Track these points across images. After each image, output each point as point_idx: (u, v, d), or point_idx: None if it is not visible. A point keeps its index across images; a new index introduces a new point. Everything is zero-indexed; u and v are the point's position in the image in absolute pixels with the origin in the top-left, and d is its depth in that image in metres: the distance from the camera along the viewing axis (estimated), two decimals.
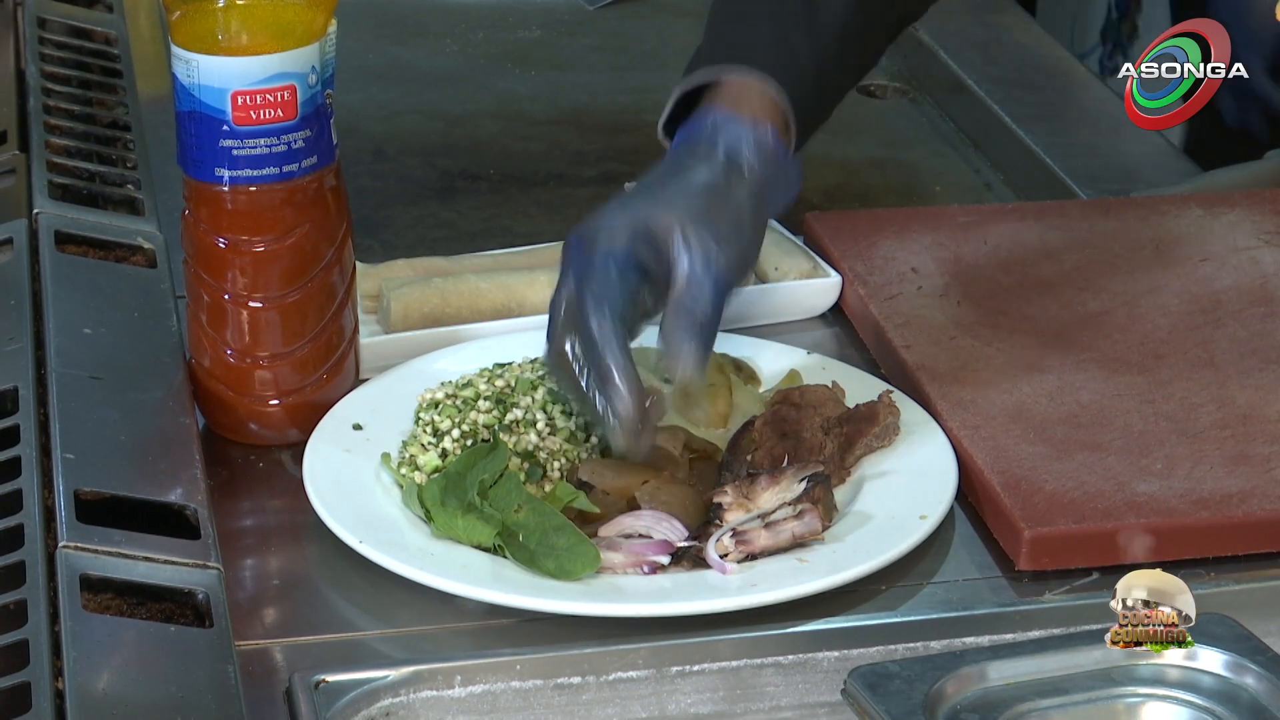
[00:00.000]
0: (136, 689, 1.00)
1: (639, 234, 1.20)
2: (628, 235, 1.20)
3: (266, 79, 1.22)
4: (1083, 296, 1.44)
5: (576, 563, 1.15)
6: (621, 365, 1.18)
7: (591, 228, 1.21)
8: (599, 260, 1.19)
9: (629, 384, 1.18)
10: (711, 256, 1.20)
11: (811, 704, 1.11)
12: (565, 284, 1.21)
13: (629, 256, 1.20)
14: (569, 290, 1.20)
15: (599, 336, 1.18)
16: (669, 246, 1.20)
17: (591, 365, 1.18)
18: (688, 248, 1.19)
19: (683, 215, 1.20)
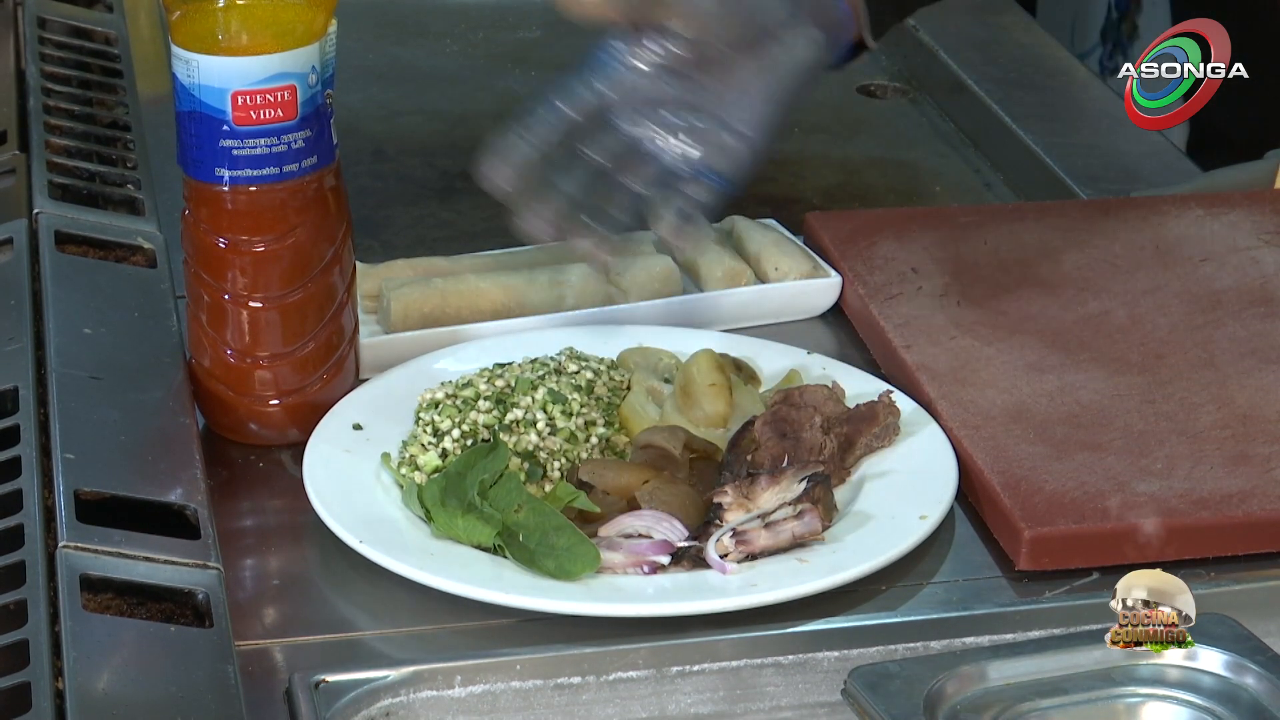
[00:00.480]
0: (136, 689, 1.00)
1: None
2: None
3: (266, 79, 1.22)
4: (1083, 296, 1.44)
5: (576, 563, 1.15)
6: None
7: None
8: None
9: None
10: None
11: (811, 704, 1.11)
12: None
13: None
14: None
15: None
16: None
17: None
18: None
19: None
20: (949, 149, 1.84)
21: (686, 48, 1.19)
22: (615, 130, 1.18)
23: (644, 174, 1.18)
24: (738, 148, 1.21)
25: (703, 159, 1.19)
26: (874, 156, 1.82)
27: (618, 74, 1.18)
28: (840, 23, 1.25)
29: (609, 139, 1.18)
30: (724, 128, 1.20)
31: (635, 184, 1.17)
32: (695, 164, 1.18)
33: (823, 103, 1.93)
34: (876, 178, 1.78)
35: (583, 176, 1.16)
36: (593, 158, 1.16)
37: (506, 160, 1.14)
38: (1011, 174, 1.77)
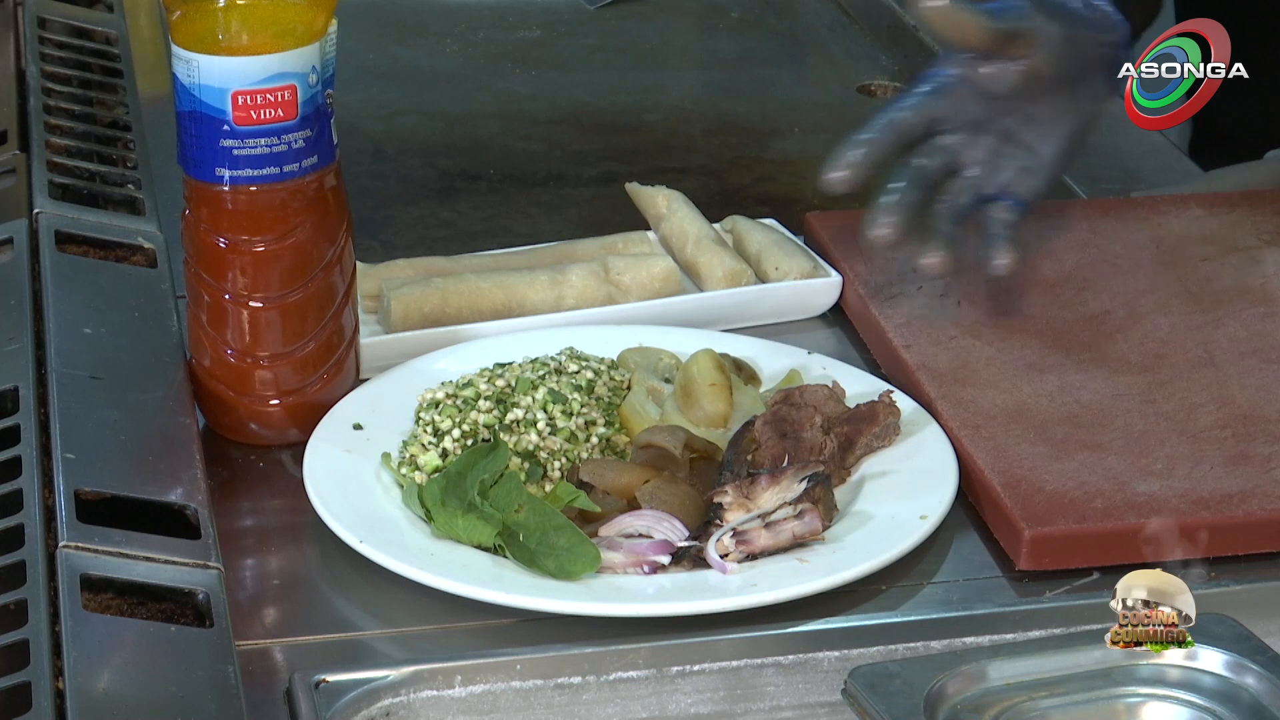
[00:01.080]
0: (137, 689, 1.00)
1: None
2: None
3: (267, 79, 1.22)
4: (1083, 296, 1.44)
5: (577, 563, 1.15)
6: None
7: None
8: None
9: None
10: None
11: (812, 704, 1.11)
12: None
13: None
14: None
15: None
16: None
17: None
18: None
19: None
20: None
21: (1020, 77, 1.26)
22: (941, 147, 1.26)
23: (958, 191, 1.26)
24: (1039, 176, 1.29)
25: (1009, 183, 1.27)
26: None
27: (953, 94, 1.25)
28: (1119, 62, 1.32)
29: (935, 155, 1.26)
30: (1032, 156, 1.28)
31: (956, 199, 1.26)
32: (1002, 187, 1.26)
33: (823, 103, 1.93)
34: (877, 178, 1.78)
35: (917, 188, 1.23)
36: (922, 171, 1.25)
37: (853, 165, 1.23)
38: None
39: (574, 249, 1.50)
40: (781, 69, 2.01)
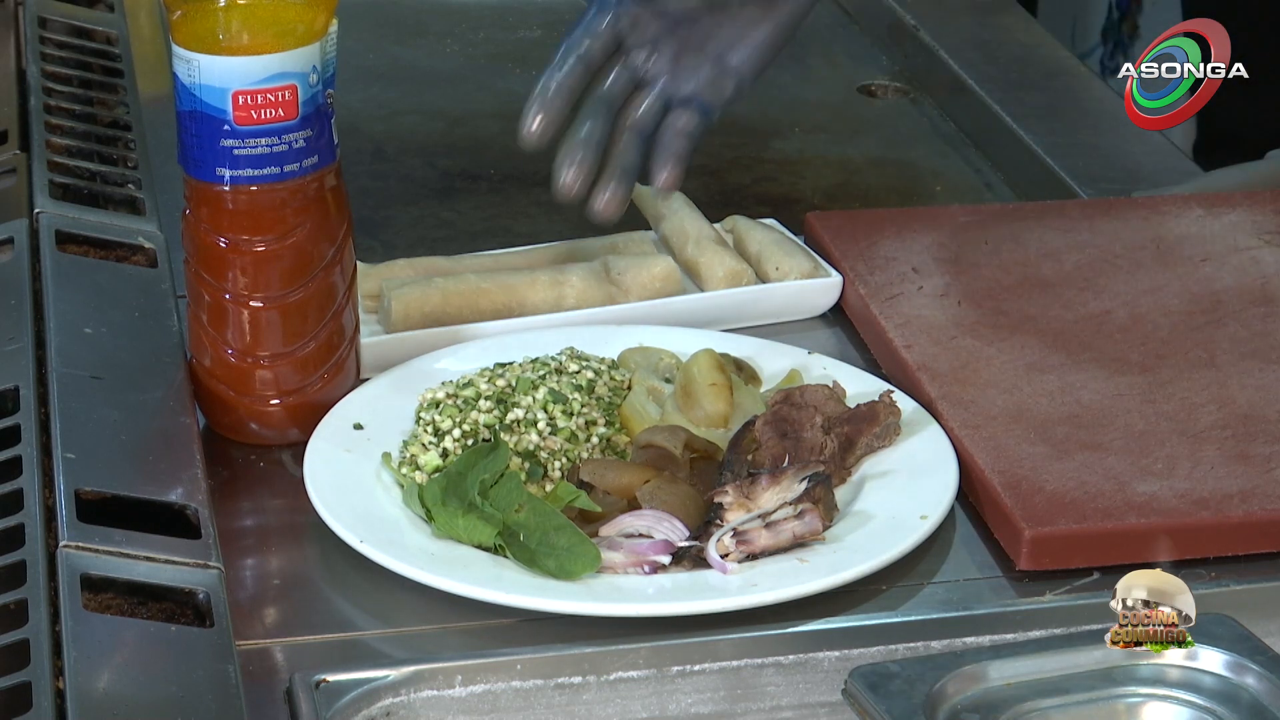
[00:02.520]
0: (137, 689, 1.00)
1: None
2: None
3: (267, 79, 1.22)
4: (1083, 296, 1.44)
5: (577, 563, 1.15)
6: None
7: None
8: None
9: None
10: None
11: (812, 704, 1.11)
12: None
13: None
14: None
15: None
16: None
17: None
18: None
19: None
20: (949, 149, 1.84)
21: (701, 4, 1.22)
22: (624, 72, 1.21)
23: (644, 108, 1.21)
24: (728, 84, 1.24)
25: (694, 91, 1.22)
26: (874, 156, 1.82)
27: (628, 14, 1.19)
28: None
29: (619, 79, 1.21)
30: (720, 65, 1.23)
31: (637, 118, 1.21)
32: (686, 96, 1.21)
33: (823, 103, 1.93)
34: (877, 178, 1.78)
35: (601, 119, 1.18)
36: (605, 98, 1.20)
37: (544, 117, 1.16)
38: (1012, 174, 1.77)
39: (574, 249, 1.50)
40: (781, 69, 2.00)
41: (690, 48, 1.21)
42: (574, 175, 1.15)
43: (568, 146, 1.16)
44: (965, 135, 1.85)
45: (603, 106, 1.18)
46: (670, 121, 1.21)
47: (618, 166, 1.17)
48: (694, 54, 1.21)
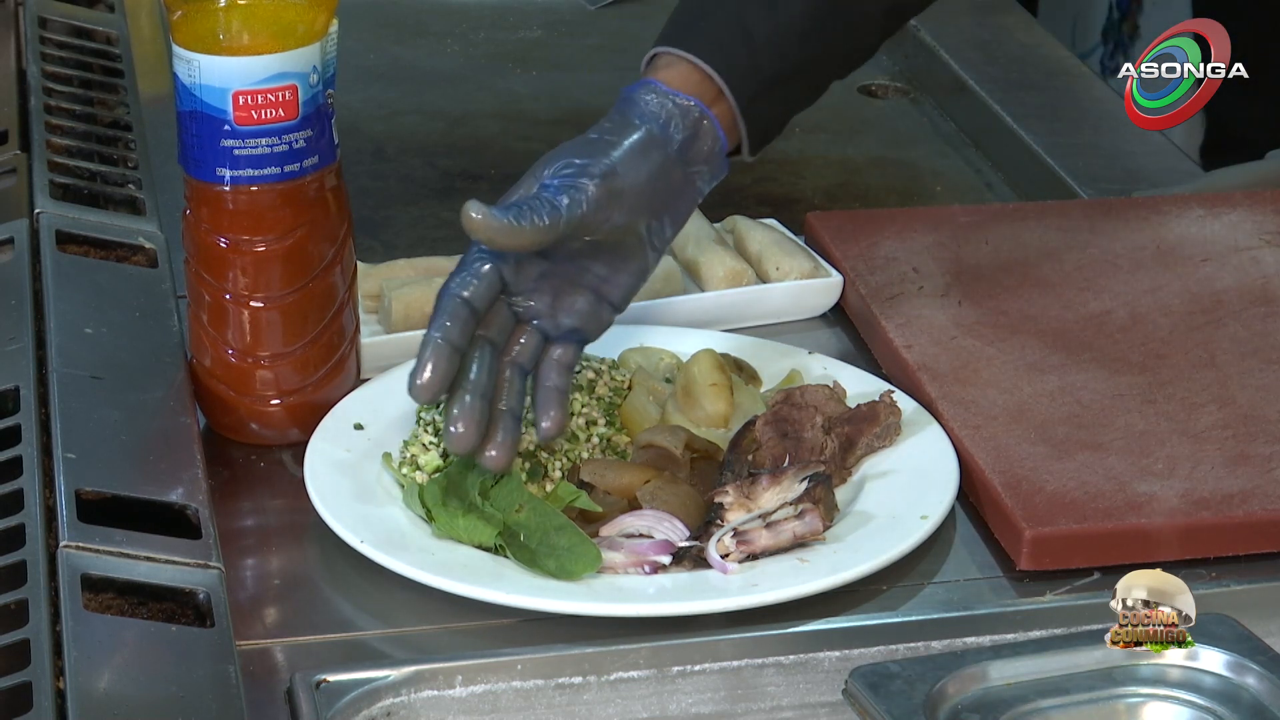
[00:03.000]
0: (137, 689, 1.00)
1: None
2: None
3: (268, 79, 1.22)
4: (1084, 296, 1.44)
5: (578, 563, 1.15)
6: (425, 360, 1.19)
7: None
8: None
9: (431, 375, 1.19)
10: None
11: (812, 704, 1.11)
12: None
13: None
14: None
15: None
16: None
17: None
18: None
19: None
20: (950, 149, 1.84)
21: (584, 247, 1.24)
22: (506, 312, 1.23)
23: (526, 346, 1.23)
24: (605, 314, 1.26)
25: (574, 325, 1.24)
26: (875, 156, 1.82)
27: (510, 260, 1.22)
28: (720, 168, 1.29)
29: (502, 322, 1.23)
30: (597, 299, 1.25)
31: (517, 355, 1.23)
32: (565, 331, 1.24)
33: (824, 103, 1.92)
34: (877, 178, 1.78)
35: (486, 363, 1.21)
36: (490, 340, 1.22)
37: (435, 373, 1.18)
38: (1012, 174, 1.77)
39: None
40: None
41: (568, 285, 1.24)
42: (464, 426, 1.18)
43: (456, 398, 1.19)
44: (965, 135, 1.85)
45: (487, 351, 1.20)
46: (549, 356, 1.24)
47: (504, 414, 1.20)
48: (571, 290, 1.24)
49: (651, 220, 1.25)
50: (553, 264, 1.23)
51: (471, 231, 1.18)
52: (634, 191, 1.23)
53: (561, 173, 1.22)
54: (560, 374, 1.23)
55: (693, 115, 1.26)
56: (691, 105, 1.26)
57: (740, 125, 1.28)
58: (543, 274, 1.23)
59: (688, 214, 1.28)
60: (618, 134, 1.25)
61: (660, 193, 1.25)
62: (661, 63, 1.28)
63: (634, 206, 1.23)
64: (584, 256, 1.24)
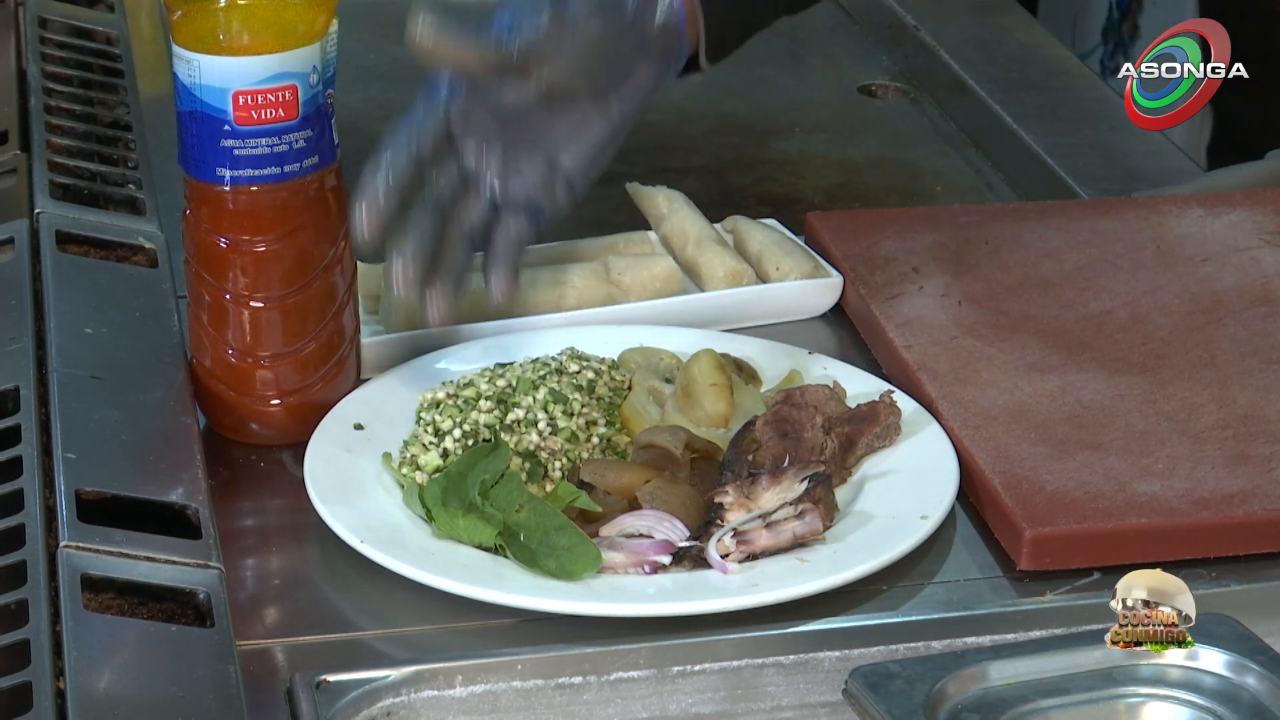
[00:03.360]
0: (137, 689, 1.00)
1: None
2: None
3: (268, 79, 1.22)
4: (1084, 296, 1.44)
5: (578, 562, 1.15)
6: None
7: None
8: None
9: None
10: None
11: (813, 704, 1.11)
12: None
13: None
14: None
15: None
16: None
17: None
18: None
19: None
20: (950, 149, 1.84)
21: (532, 94, 1.21)
22: (454, 168, 1.20)
23: (475, 211, 1.21)
24: (559, 186, 1.23)
25: (524, 195, 1.21)
26: (875, 156, 1.82)
27: (459, 108, 1.20)
28: (679, 52, 1.27)
29: (449, 176, 1.20)
30: (552, 167, 1.22)
31: (467, 221, 1.20)
32: (516, 200, 1.21)
33: (824, 103, 1.93)
34: (877, 178, 1.78)
35: (430, 221, 1.18)
36: (435, 198, 1.19)
37: (371, 212, 1.17)
38: (1012, 174, 1.77)
39: (574, 249, 1.50)
40: (782, 69, 2.01)
41: (521, 144, 1.21)
42: (404, 281, 1.16)
43: (398, 250, 1.16)
44: (965, 135, 1.85)
45: (432, 207, 1.18)
46: (502, 229, 1.21)
47: (447, 272, 1.18)
48: (525, 151, 1.21)
49: (605, 84, 1.22)
50: (504, 117, 1.20)
51: (418, 40, 1.16)
52: (585, 40, 1.20)
53: (513, 6, 1.20)
54: (512, 247, 1.20)
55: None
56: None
57: (699, 15, 1.26)
58: (493, 124, 1.20)
59: (645, 92, 1.25)
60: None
61: (613, 56, 1.22)
62: None
63: (585, 59, 1.21)
64: (536, 113, 1.21)
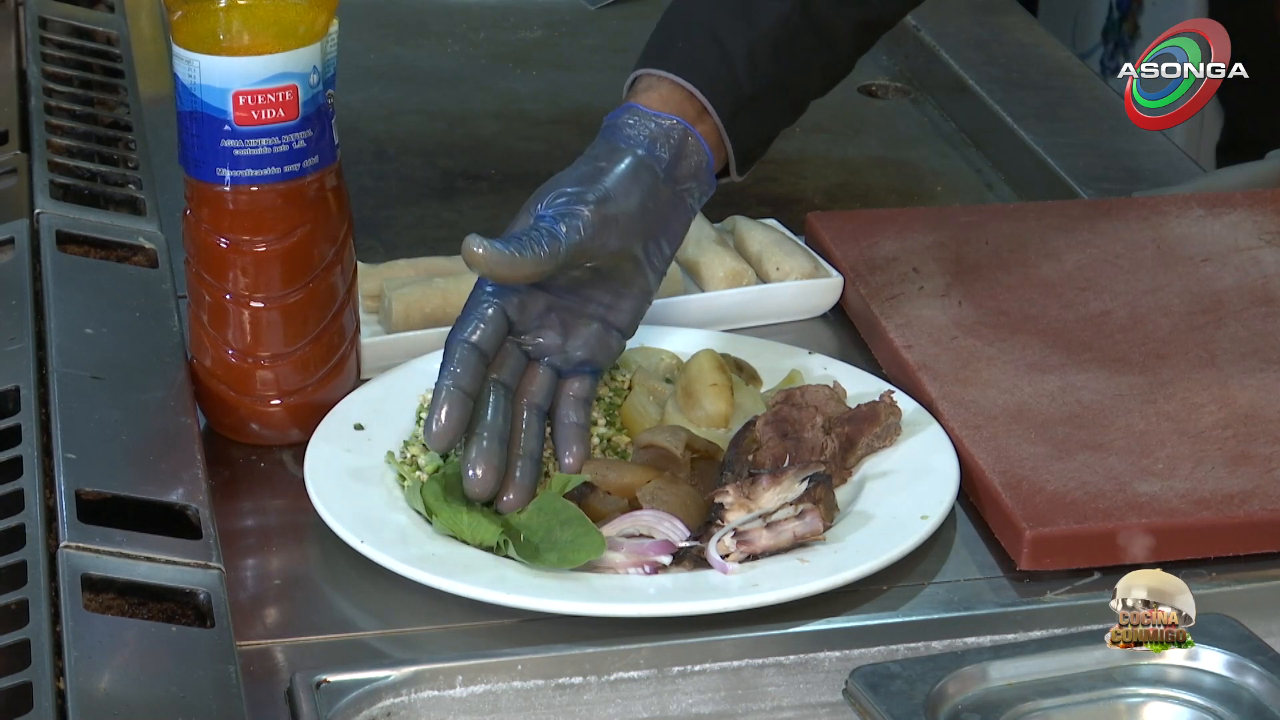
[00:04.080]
0: (138, 689, 1.00)
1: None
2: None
3: (268, 79, 1.22)
4: (1084, 296, 1.44)
5: (579, 552, 1.15)
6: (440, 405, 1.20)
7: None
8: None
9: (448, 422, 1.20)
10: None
11: (813, 704, 1.11)
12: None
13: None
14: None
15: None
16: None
17: None
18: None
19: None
20: (950, 149, 1.84)
21: (584, 275, 1.25)
22: (516, 354, 1.24)
23: (538, 383, 1.24)
24: (613, 341, 1.27)
25: (585, 357, 1.26)
26: (875, 156, 1.82)
27: (515, 299, 1.23)
28: (709, 187, 1.31)
29: (513, 356, 1.24)
30: (605, 327, 1.27)
31: (533, 397, 1.24)
32: (576, 364, 1.26)
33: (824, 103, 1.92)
34: (877, 178, 1.78)
35: (501, 405, 1.22)
36: (503, 383, 1.23)
37: (450, 421, 1.20)
38: (1012, 174, 1.77)
39: None
40: None
41: (574, 317, 1.25)
42: (484, 471, 1.19)
43: (474, 443, 1.20)
44: (965, 135, 1.85)
45: (501, 393, 1.21)
46: (565, 392, 1.25)
47: (523, 455, 1.21)
48: (578, 322, 1.25)
49: (648, 242, 1.27)
50: (556, 297, 1.24)
51: (472, 264, 1.20)
52: (628, 215, 1.25)
53: (555, 202, 1.24)
54: (578, 410, 1.25)
55: (676, 133, 1.28)
56: (675, 123, 1.28)
57: (726, 141, 1.30)
58: (547, 308, 1.24)
59: (683, 233, 1.30)
60: (607, 160, 1.27)
61: (653, 214, 1.26)
62: (642, 85, 1.31)
63: (629, 229, 1.25)
64: (586, 286, 1.25)
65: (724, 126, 1.29)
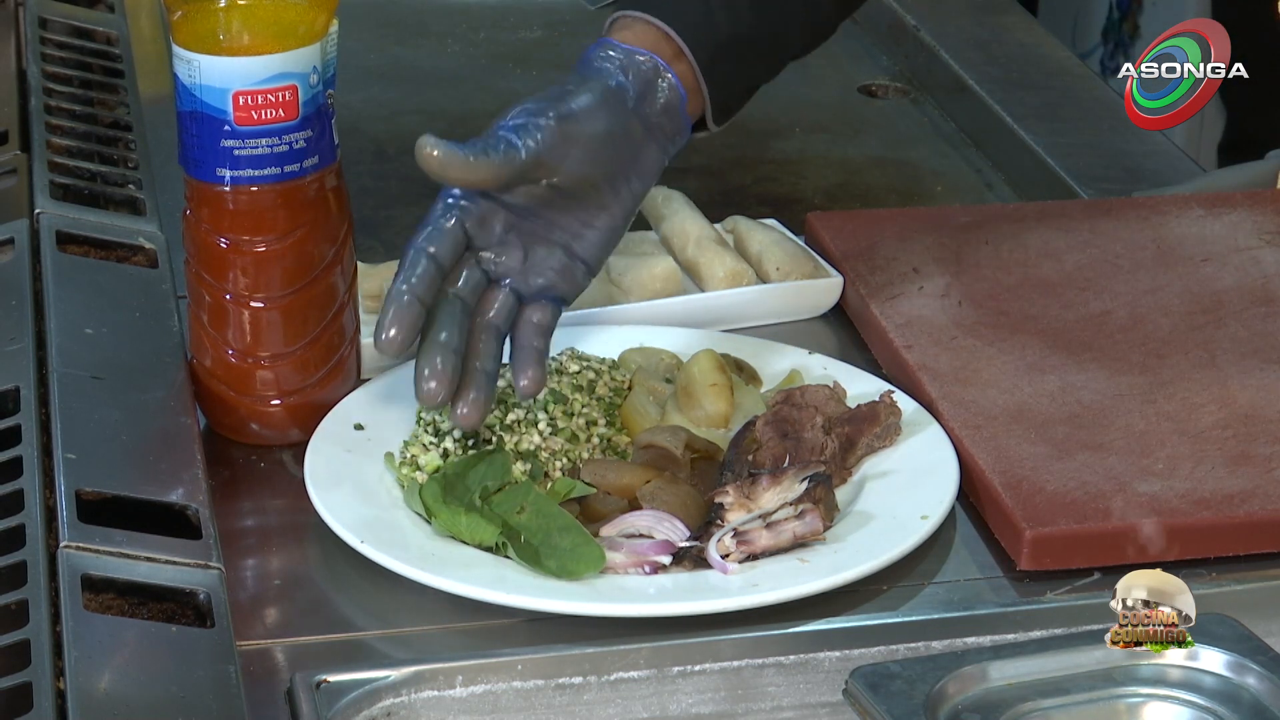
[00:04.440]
0: (138, 689, 1.00)
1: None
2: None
3: (268, 79, 1.22)
4: (1084, 296, 1.44)
5: (580, 563, 1.15)
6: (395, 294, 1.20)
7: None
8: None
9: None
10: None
11: (813, 704, 1.11)
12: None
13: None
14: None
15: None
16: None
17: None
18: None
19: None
20: (950, 149, 1.84)
21: (544, 193, 1.25)
22: (476, 270, 1.24)
23: (498, 304, 1.24)
24: (578, 272, 1.27)
25: (547, 284, 1.25)
26: (875, 156, 1.83)
27: (475, 213, 1.23)
28: (683, 129, 1.30)
29: (471, 278, 1.23)
30: (570, 255, 1.26)
31: (492, 316, 1.23)
32: (538, 289, 1.25)
33: (824, 103, 1.93)
34: (877, 178, 1.78)
35: (457, 321, 1.21)
36: (460, 298, 1.22)
37: (400, 327, 1.19)
38: (1012, 174, 1.77)
39: None
40: None
41: (537, 240, 1.24)
42: (436, 384, 1.18)
43: (426, 353, 1.19)
44: (965, 135, 1.85)
45: (458, 307, 1.20)
46: (526, 318, 1.24)
47: (478, 371, 1.21)
48: (541, 246, 1.25)
49: (615, 173, 1.26)
50: (519, 218, 1.23)
51: (425, 165, 1.19)
52: (592, 137, 1.24)
53: (517, 117, 1.23)
54: (539, 335, 1.23)
55: (648, 68, 1.28)
56: (648, 58, 1.28)
57: (702, 86, 1.30)
58: (508, 227, 1.23)
59: (656, 172, 1.29)
60: (575, 86, 1.26)
61: (621, 144, 1.26)
62: (619, 25, 1.30)
63: (594, 154, 1.24)
64: (550, 209, 1.24)
65: (701, 71, 1.29)
